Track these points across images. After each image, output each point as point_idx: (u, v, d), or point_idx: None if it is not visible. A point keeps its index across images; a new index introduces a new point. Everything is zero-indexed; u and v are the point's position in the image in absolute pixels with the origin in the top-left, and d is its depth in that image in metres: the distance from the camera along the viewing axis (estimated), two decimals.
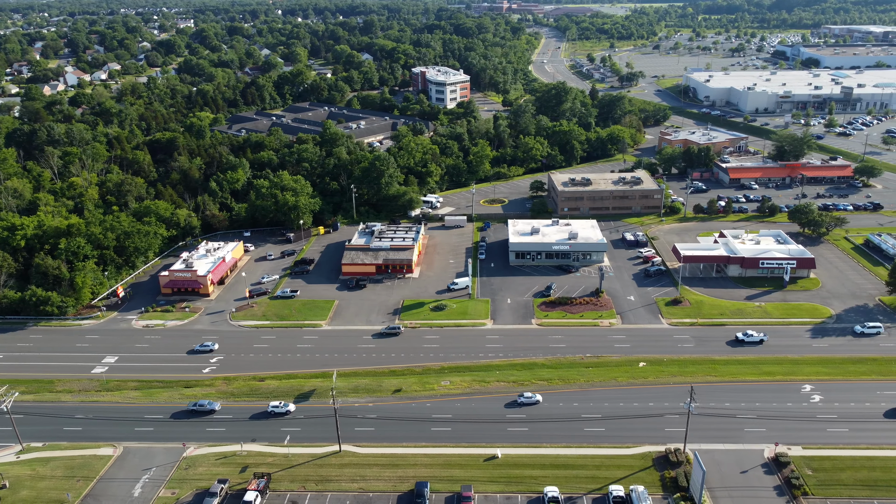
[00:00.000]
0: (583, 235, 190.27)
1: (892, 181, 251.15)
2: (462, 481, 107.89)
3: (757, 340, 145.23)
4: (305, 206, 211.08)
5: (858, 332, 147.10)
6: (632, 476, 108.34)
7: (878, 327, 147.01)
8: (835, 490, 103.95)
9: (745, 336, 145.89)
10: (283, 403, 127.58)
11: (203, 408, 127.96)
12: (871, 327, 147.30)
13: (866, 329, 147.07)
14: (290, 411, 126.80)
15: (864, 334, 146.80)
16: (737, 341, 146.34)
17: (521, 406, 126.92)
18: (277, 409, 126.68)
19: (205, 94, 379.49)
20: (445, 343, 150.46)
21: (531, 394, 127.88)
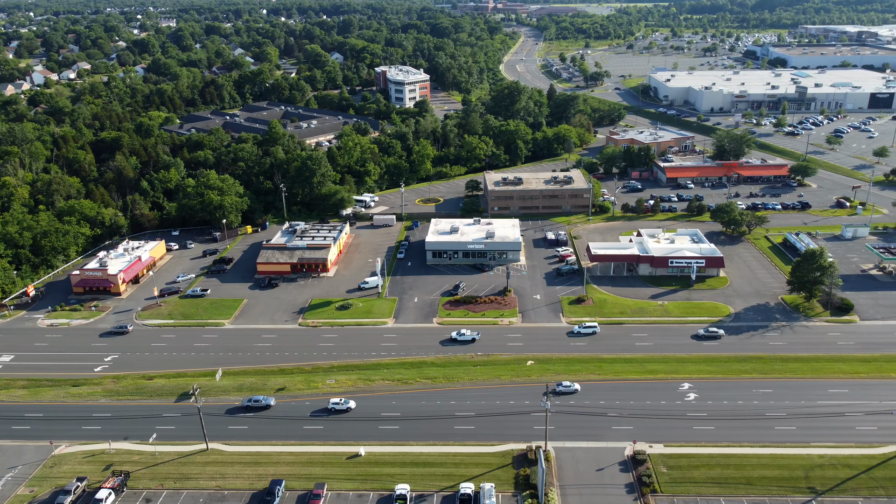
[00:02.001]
0: (500, 234, 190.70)
1: (828, 180, 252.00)
2: (319, 479, 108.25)
3: (469, 339, 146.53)
4: (232, 205, 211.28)
5: (701, 335, 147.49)
6: (488, 474, 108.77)
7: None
8: (684, 488, 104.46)
9: (458, 335, 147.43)
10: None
11: (259, 403, 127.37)
12: (711, 332, 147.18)
13: (705, 332, 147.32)
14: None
15: (702, 336, 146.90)
16: (451, 340, 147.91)
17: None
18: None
19: (162, 94, 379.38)
20: (342, 342, 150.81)
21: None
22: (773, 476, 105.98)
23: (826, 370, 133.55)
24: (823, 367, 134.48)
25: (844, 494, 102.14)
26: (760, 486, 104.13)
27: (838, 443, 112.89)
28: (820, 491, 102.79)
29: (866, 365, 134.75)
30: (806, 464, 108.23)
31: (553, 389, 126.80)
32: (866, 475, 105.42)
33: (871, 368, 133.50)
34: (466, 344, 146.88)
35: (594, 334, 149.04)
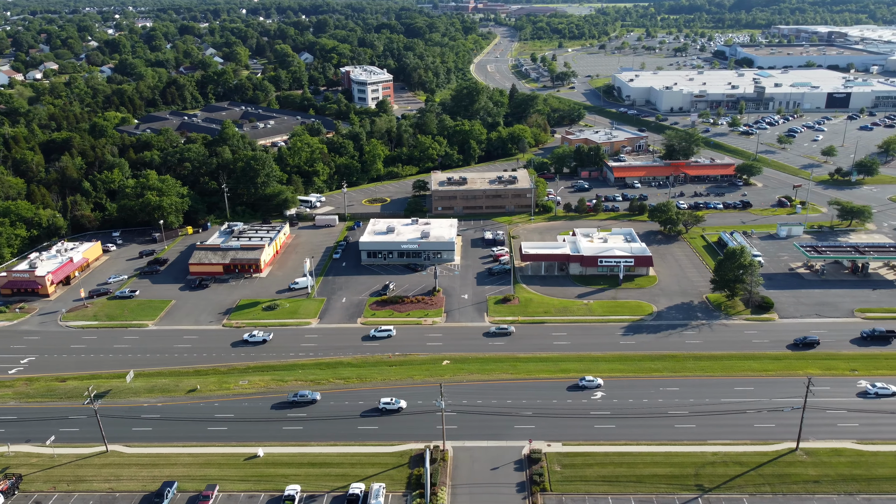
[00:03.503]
0: (435, 234, 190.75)
1: (774, 179, 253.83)
2: (213, 480, 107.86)
3: (259, 340, 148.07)
4: (171, 205, 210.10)
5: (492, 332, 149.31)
6: (383, 473, 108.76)
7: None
8: (574, 486, 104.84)
9: (250, 337, 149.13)
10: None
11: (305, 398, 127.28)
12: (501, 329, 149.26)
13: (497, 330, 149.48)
14: None
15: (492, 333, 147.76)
16: (490, 334, 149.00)
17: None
18: None
19: (122, 94, 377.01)
20: (265, 343, 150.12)
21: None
22: (665, 474, 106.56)
23: (737, 368, 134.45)
24: (735, 365, 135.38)
25: (731, 492, 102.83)
26: (650, 484, 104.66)
27: (734, 440, 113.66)
28: (707, 488, 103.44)
29: (776, 363, 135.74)
30: (698, 461, 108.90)
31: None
32: (755, 472, 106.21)
33: (780, 366, 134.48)
34: (258, 345, 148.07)
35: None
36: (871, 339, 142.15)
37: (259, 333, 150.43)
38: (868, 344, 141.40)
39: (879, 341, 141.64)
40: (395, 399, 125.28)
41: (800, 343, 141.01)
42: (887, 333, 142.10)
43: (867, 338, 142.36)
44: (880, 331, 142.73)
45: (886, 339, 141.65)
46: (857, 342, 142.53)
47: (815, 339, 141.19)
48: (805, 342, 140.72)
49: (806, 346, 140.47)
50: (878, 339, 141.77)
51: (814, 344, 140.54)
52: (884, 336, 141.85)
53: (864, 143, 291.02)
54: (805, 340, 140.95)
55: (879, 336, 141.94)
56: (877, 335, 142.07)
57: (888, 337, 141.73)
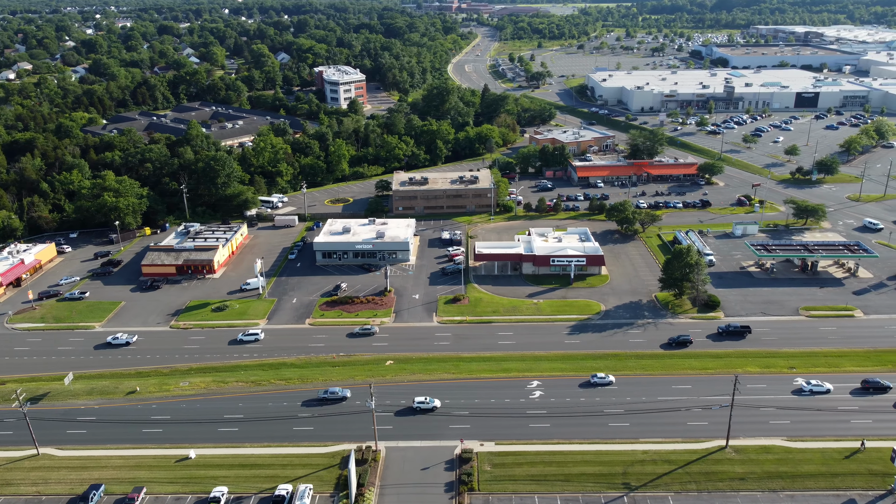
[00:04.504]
0: (390, 235, 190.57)
1: (736, 178, 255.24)
2: (142, 483, 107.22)
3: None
4: (128, 206, 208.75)
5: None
6: (313, 475, 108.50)
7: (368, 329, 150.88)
8: (502, 486, 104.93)
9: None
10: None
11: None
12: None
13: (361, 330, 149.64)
14: None
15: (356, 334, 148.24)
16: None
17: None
18: None
19: (92, 95, 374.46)
20: (208, 344, 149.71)
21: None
22: (593, 472, 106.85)
23: (677, 366, 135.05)
24: (675, 364, 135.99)
25: (657, 490, 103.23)
26: (578, 483, 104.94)
27: (665, 438, 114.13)
28: (634, 487, 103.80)
29: (716, 361, 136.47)
30: (628, 460, 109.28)
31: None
32: (683, 470, 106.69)
33: (720, 364, 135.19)
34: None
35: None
36: (728, 333, 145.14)
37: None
38: (723, 339, 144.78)
39: (734, 336, 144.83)
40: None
41: (673, 342, 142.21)
42: (741, 329, 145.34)
43: (722, 333, 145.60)
44: (735, 326, 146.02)
45: (741, 333, 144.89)
46: (796, 341, 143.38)
47: (688, 337, 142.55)
48: (678, 341, 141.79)
49: (679, 346, 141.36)
50: (733, 333, 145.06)
51: (686, 343, 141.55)
52: (738, 331, 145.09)
53: (828, 143, 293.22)
54: (678, 339, 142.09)
55: (734, 331, 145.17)
56: (731, 330, 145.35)
57: (742, 332, 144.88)
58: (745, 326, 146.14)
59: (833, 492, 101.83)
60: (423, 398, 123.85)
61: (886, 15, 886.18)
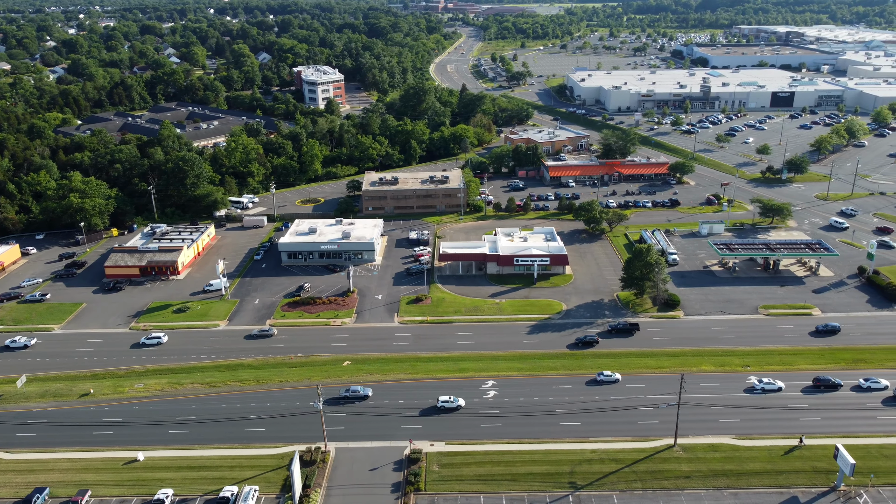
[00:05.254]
0: (356, 235, 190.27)
1: (707, 177, 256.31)
2: (88, 485, 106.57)
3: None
4: (94, 208, 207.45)
5: None
6: (260, 476, 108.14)
7: None
8: (448, 486, 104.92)
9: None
10: None
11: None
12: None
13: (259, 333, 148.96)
14: None
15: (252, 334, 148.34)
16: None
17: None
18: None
19: (67, 95, 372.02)
20: (166, 345, 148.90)
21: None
22: (540, 472, 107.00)
23: (633, 365, 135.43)
24: (631, 363, 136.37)
25: (603, 489, 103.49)
26: (524, 483, 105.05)
27: (615, 437, 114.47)
28: (580, 486, 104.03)
29: (672, 359, 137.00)
30: (576, 458, 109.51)
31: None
32: (630, 469, 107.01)
33: (676, 363, 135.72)
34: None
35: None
36: (617, 331, 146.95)
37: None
38: (612, 336, 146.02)
39: (623, 333, 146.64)
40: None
41: (580, 342, 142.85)
42: (630, 326, 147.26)
43: (612, 330, 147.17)
44: (623, 324, 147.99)
45: (629, 331, 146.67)
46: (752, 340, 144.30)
47: (594, 337, 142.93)
48: (584, 341, 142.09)
49: (585, 346, 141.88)
50: (622, 331, 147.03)
51: (593, 343, 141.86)
52: (627, 329, 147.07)
53: (801, 142, 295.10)
54: (584, 339, 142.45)
55: (622, 329, 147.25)
56: (620, 328, 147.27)
57: (630, 330, 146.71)
58: (633, 324, 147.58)
59: (776, 489, 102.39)
60: (448, 397, 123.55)
61: (868, 15, 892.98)
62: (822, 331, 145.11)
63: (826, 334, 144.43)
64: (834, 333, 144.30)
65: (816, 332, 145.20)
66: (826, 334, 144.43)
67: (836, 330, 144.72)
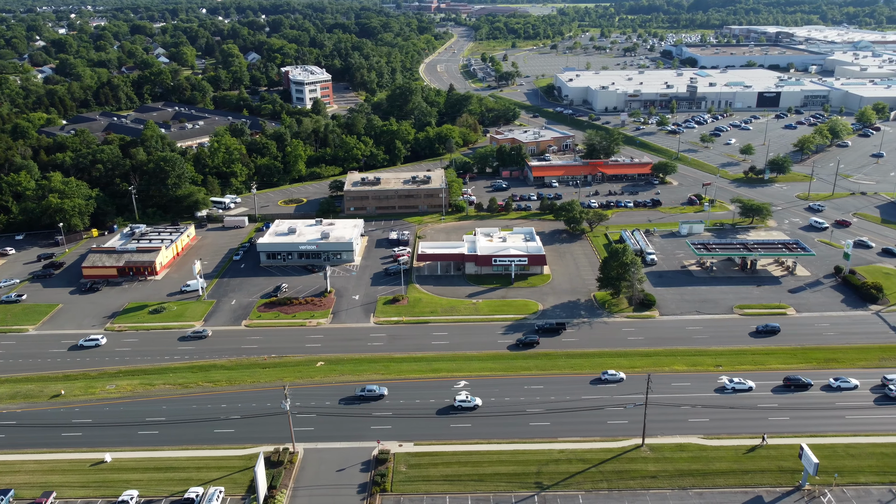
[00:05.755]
0: (335, 235, 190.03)
1: (690, 177, 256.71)
2: (53, 487, 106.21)
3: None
4: (73, 208, 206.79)
5: None
6: (227, 477, 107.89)
7: None
8: (414, 486, 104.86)
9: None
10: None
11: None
12: None
13: None
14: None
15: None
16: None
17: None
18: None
19: (53, 95, 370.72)
20: (140, 346, 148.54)
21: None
22: (507, 472, 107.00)
23: (606, 365, 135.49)
24: (604, 363, 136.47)
25: (569, 489, 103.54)
26: (490, 483, 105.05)
27: (584, 437, 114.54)
28: (546, 486, 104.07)
29: (645, 359, 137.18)
30: (543, 459, 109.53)
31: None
32: (596, 469, 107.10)
33: (648, 363, 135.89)
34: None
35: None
36: (543, 331, 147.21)
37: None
38: (540, 335, 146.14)
39: (550, 333, 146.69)
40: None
41: (520, 343, 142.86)
42: (556, 326, 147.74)
43: (538, 330, 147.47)
44: (550, 323, 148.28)
45: (556, 331, 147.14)
46: (744, 338, 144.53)
47: (536, 339, 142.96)
48: (525, 342, 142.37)
49: (525, 346, 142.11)
50: (549, 331, 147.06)
51: (532, 344, 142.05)
52: (553, 328, 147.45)
53: (785, 142, 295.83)
54: (525, 341, 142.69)
55: (550, 328, 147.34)
56: (547, 328, 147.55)
57: (557, 329, 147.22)
58: (560, 324, 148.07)
59: (742, 489, 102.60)
60: (465, 396, 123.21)
61: (858, 15, 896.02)
62: (762, 331, 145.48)
63: (766, 334, 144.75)
64: (774, 333, 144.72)
65: (756, 333, 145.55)
66: (766, 334, 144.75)
67: (776, 330, 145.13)
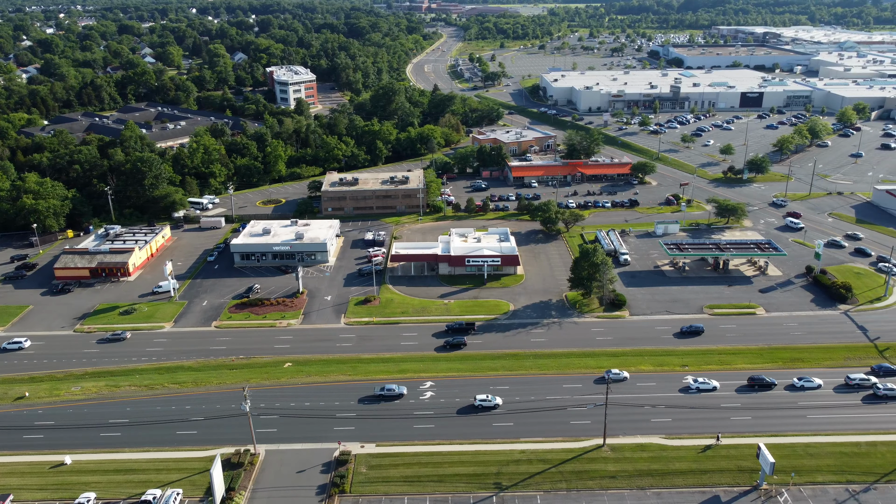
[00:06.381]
0: (309, 236, 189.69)
1: (670, 177, 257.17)
2: (11, 490, 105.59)
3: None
4: (48, 209, 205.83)
5: None
6: (185, 479, 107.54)
7: None
8: (373, 487, 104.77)
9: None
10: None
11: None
12: None
13: None
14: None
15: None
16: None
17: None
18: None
19: (35, 95, 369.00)
20: (109, 348, 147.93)
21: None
22: (467, 473, 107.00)
23: (573, 365, 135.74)
24: (572, 363, 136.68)
25: (527, 489, 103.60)
26: (449, 484, 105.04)
27: (546, 438, 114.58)
28: (505, 486, 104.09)
29: (612, 359, 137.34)
30: (504, 459, 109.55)
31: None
32: (556, 469, 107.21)
33: (616, 363, 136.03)
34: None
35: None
36: (453, 331, 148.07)
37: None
38: (448, 335, 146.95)
39: (460, 333, 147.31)
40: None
41: (448, 345, 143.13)
42: (466, 326, 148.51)
43: (448, 331, 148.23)
44: (460, 324, 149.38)
45: (465, 331, 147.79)
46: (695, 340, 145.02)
47: (462, 339, 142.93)
48: (452, 343, 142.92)
49: (453, 348, 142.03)
50: (458, 331, 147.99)
51: (460, 345, 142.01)
52: (462, 329, 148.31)
53: (766, 142, 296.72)
54: (453, 342, 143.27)
55: (459, 328, 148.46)
56: (456, 328, 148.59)
57: (466, 329, 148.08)
58: (469, 324, 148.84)
59: (699, 489, 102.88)
60: (485, 396, 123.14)
61: (846, 16, 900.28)
62: (686, 332, 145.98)
63: (690, 335, 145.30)
64: (698, 334, 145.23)
65: (681, 334, 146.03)
66: (690, 335, 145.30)
67: (700, 331, 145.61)
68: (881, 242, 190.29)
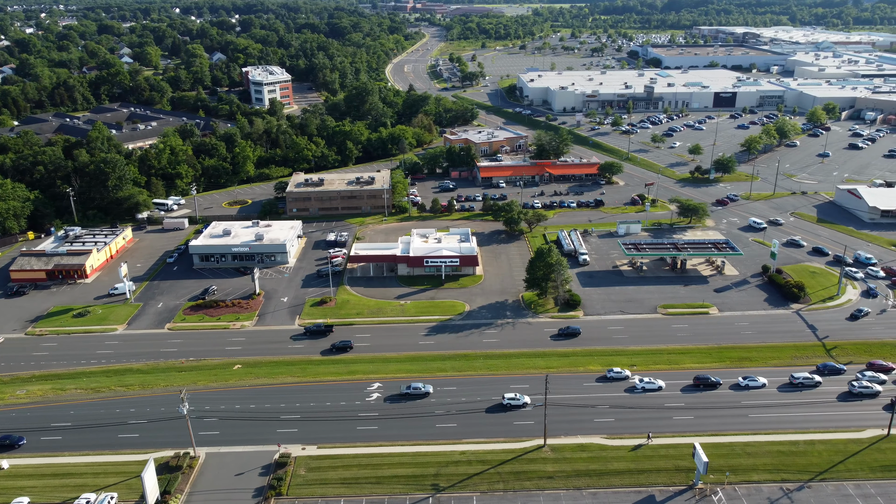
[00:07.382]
0: (269, 237, 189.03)
1: (637, 177, 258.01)
2: None
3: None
4: (7, 210, 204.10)
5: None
6: (122, 483, 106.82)
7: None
8: (311, 490, 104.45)
9: None
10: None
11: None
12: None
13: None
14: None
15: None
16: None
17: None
18: None
19: (6, 96, 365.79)
20: (59, 351, 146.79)
21: (420, 384, 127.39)
22: (405, 474, 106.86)
23: (523, 366, 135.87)
24: (522, 363, 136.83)
25: (465, 490, 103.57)
26: (387, 485, 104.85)
27: (488, 438, 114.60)
28: (442, 488, 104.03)
29: (562, 359, 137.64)
30: (444, 461, 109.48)
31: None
32: (494, 470, 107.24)
33: (565, 363, 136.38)
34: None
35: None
36: (311, 333, 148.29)
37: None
38: (307, 338, 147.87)
39: (317, 335, 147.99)
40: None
41: (334, 348, 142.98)
42: (325, 328, 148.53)
43: (306, 332, 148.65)
44: (318, 325, 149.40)
45: (324, 333, 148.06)
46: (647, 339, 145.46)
47: (349, 343, 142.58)
48: (339, 347, 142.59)
49: (339, 351, 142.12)
50: (315, 333, 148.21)
51: (346, 348, 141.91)
52: (321, 331, 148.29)
53: (736, 142, 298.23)
54: (338, 345, 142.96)
55: (315, 331, 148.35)
56: (313, 330, 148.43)
57: (325, 332, 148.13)
58: (328, 326, 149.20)
59: (635, 488, 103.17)
60: (514, 394, 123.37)
61: (826, 16, 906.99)
62: (564, 333, 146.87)
63: (567, 336, 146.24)
64: (575, 336, 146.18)
65: (558, 335, 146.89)
66: (567, 336, 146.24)
67: (577, 333, 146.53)
68: (840, 242, 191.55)
